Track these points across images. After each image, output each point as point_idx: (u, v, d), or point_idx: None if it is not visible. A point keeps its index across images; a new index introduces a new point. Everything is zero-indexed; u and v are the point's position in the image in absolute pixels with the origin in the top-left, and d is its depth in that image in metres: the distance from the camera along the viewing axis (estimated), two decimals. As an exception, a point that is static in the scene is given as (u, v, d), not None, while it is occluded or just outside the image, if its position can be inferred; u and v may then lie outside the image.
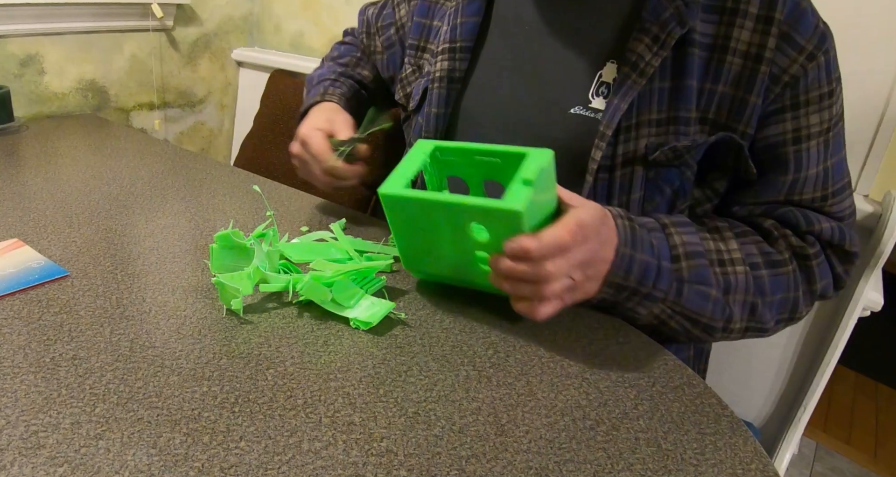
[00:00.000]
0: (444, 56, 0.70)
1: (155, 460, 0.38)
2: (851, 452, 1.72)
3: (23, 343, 0.48)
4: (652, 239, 0.57)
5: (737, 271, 0.59)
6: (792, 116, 0.59)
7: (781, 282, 0.61)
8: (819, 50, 0.57)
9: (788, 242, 0.61)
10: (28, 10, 1.20)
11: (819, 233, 0.61)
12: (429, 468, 0.40)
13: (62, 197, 0.77)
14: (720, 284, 0.58)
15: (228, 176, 0.90)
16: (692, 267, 0.57)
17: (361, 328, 0.54)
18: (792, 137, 0.60)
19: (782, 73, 0.58)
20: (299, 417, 0.43)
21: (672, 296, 0.57)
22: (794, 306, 0.62)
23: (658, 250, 0.56)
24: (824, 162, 0.61)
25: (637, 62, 0.59)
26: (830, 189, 0.62)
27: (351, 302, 0.56)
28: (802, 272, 0.62)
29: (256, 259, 0.57)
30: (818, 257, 0.61)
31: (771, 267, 0.60)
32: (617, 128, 0.60)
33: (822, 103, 0.59)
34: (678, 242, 0.58)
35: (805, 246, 0.61)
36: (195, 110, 1.62)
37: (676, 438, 0.45)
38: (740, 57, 0.58)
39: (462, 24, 0.69)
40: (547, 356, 0.53)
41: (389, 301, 0.57)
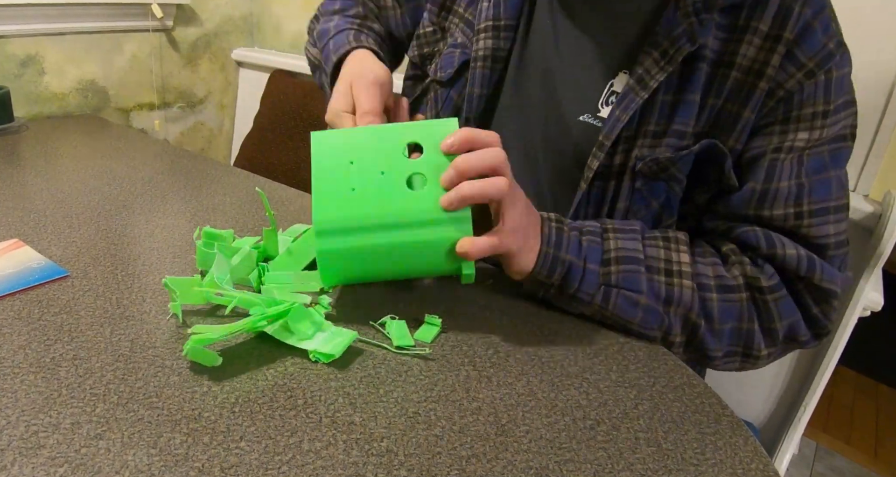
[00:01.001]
0: (488, 34, 0.67)
1: (155, 460, 0.38)
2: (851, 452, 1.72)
3: (23, 343, 0.48)
4: (583, 241, 0.57)
5: (683, 285, 0.57)
6: (780, 131, 0.58)
7: (733, 310, 0.57)
8: (820, 69, 0.56)
9: (744, 269, 0.58)
10: (28, 10, 1.20)
11: (782, 260, 0.57)
12: (429, 468, 0.40)
13: (62, 197, 0.77)
14: (658, 294, 0.56)
15: (228, 176, 0.90)
16: (622, 272, 0.56)
17: (322, 361, 0.49)
18: (772, 148, 0.58)
19: (778, 87, 0.57)
20: (299, 417, 0.43)
21: (599, 300, 0.56)
22: (748, 341, 0.58)
23: (586, 252, 0.56)
24: (797, 178, 0.57)
25: (643, 76, 0.58)
26: (806, 208, 0.57)
27: (308, 332, 0.51)
28: (756, 306, 0.58)
29: (215, 268, 0.54)
30: (776, 291, 0.57)
31: (722, 291, 0.57)
32: (617, 138, 0.60)
33: (815, 122, 0.57)
34: (612, 246, 0.57)
35: (759, 277, 0.57)
36: (195, 110, 1.62)
37: (676, 437, 0.45)
38: (741, 72, 0.57)
39: (506, 2, 0.67)
40: (547, 356, 0.53)
41: (352, 331, 0.52)
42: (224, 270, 0.56)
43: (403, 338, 0.52)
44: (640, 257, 0.57)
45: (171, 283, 0.53)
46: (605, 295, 0.56)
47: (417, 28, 0.77)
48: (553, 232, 0.56)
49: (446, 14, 0.73)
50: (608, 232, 0.58)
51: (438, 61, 0.72)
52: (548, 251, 0.56)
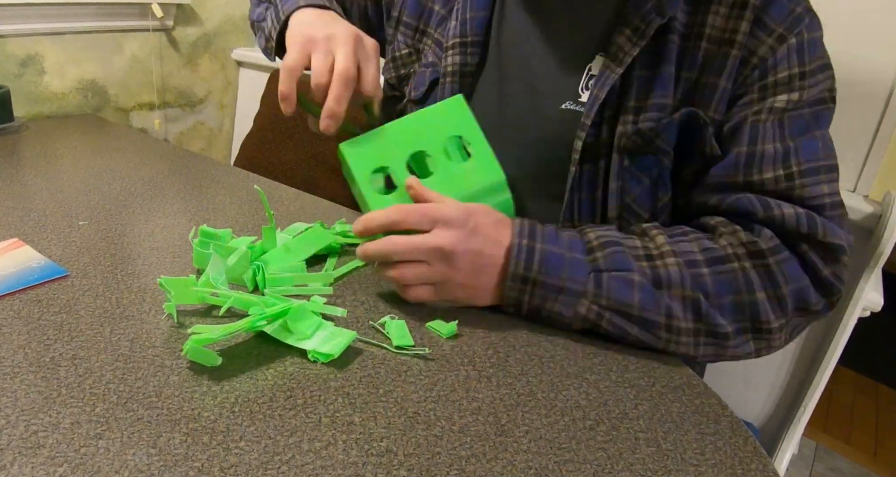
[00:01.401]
0: (456, 50, 0.69)
1: (155, 460, 0.38)
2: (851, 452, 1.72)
3: (23, 343, 0.48)
4: (562, 235, 0.57)
5: (667, 264, 0.54)
6: (759, 98, 0.58)
7: (728, 281, 0.54)
8: (790, 32, 0.57)
9: (737, 237, 0.55)
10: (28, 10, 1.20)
11: (781, 220, 0.54)
12: (429, 468, 0.40)
13: (62, 197, 0.77)
14: (647, 276, 0.54)
15: (228, 176, 0.90)
16: (608, 255, 0.55)
17: (321, 361, 0.49)
18: (752, 113, 0.58)
19: (751, 55, 0.57)
20: (299, 417, 0.43)
21: (592, 287, 0.54)
22: (753, 312, 0.54)
23: (568, 243, 0.56)
24: (783, 139, 0.56)
25: (617, 53, 0.59)
26: (795, 168, 0.55)
27: (308, 332, 0.51)
28: (758, 272, 0.54)
29: (210, 268, 0.56)
30: (777, 253, 0.54)
31: (712, 264, 0.55)
32: (601, 118, 0.61)
33: (792, 84, 0.57)
34: (592, 236, 0.57)
35: (757, 241, 0.54)
36: (195, 110, 1.62)
37: (676, 438, 0.45)
38: (711, 43, 0.58)
39: (472, 19, 0.69)
40: (547, 356, 0.53)
41: (351, 331, 0.52)
42: (219, 269, 0.56)
43: (403, 338, 0.52)
44: (620, 242, 0.56)
45: (166, 283, 0.53)
46: (596, 281, 0.54)
47: (393, 51, 0.78)
48: (525, 225, 0.56)
49: (420, 36, 0.75)
50: (585, 229, 0.59)
51: (413, 81, 0.75)
52: (520, 242, 0.55)
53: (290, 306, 0.51)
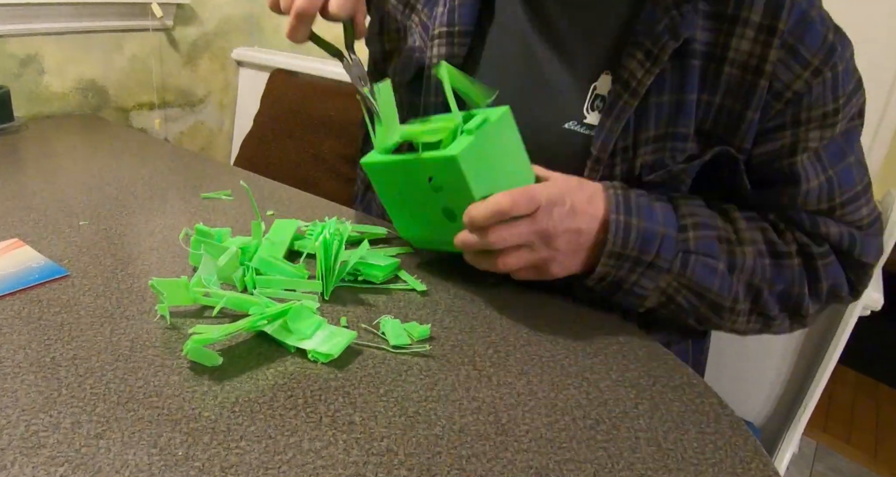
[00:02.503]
0: (443, 41, 0.65)
1: (155, 460, 0.38)
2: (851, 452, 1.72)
3: (23, 343, 0.48)
4: (655, 207, 0.56)
5: (745, 252, 0.57)
6: (791, 133, 0.57)
7: (784, 274, 0.58)
8: (826, 65, 0.54)
9: (794, 236, 0.59)
10: (28, 10, 1.20)
11: (826, 237, 0.59)
12: (429, 467, 0.40)
13: (62, 197, 0.77)
14: (725, 261, 0.57)
15: (228, 175, 0.90)
16: (699, 238, 0.55)
17: (321, 361, 0.49)
18: (788, 151, 0.57)
19: (785, 89, 0.55)
20: (299, 417, 0.43)
21: (678, 267, 0.55)
22: (797, 302, 0.59)
23: (663, 218, 0.55)
24: (824, 172, 0.58)
25: (629, 80, 0.56)
26: (838, 200, 0.58)
27: (308, 331, 0.51)
28: (807, 271, 0.59)
29: (202, 269, 0.56)
30: (825, 258, 0.59)
31: (774, 257, 0.58)
32: (613, 149, 0.58)
33: (825, 121, 0.56)
34: (686, 211, 0.56)
35: (810, 244, 0.59)
36: (195, 110, 1.62)
37: (676, 437, 0.45)
38: (738, 68, 0.55)
39: (461, 7, 0.65)
40: (547, 356, 0.53)
41: (351, 331, 0.52)
42: (210, 270, 0.56)
43: (400, 337, 0.52)
44: (710, 224, 0.57)
45: (157, 284, 0.53)
46: (683, 261, 0.55)
47: (382, 24, 0.74)
48: (619, 198, 0.55)
49: (409, 12, 0.71)
50: (676, 199, 0.57)
51: (396, 62, 0.71)
52: (618, 218, 0.54)
53: (290, 306, 0.51)
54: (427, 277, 0.64)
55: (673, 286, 0.56)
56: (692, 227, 0.56)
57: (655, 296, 0.57)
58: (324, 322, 0.52)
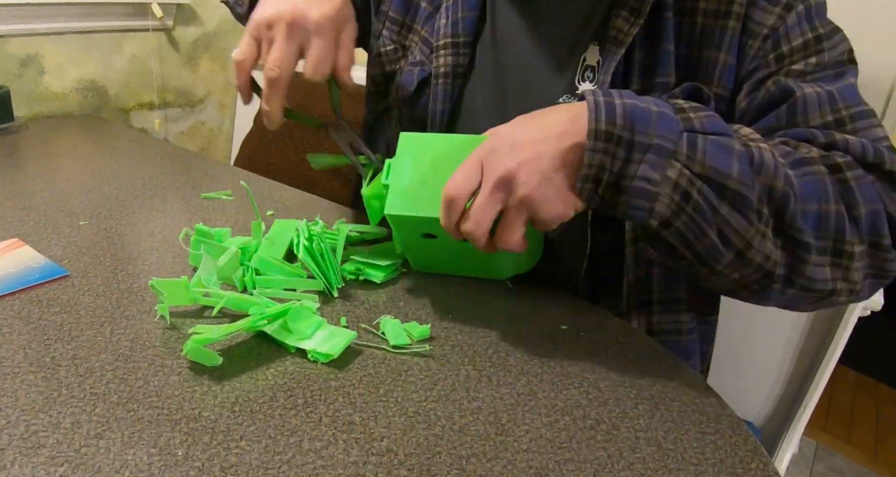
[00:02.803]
0: (448, 51, 0.68)
1: (155, 460, 0.38)
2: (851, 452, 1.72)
3: (23, 343, 0.48)
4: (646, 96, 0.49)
5: (762, 148, 0.47)
6: (777, 69, 0.56)
7: (814, 185, 0.47)
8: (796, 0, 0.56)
9: (811, 147, 0.50)
10: (28, 10, 1.20)
11: (845, 146, 0.49)
12: (429, 467, 0.40)
13: (62, 197, 0.77)
14: (743, 153, 0.46)
15: (229, 175, 0.90)
16: (703, 117, 0.47)
17: (321, 361, 0.49)
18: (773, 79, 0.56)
19: (758, 26, 0.56)
20: (299, 417, 0.43)
21: (684, 148, 0.45)
22: (838, 229, 0.47)
23: (654, 101, 0.48)
24: (821, 87, 0.53)
25: (616, 36, 0.58)
26: (844, 112, 0.51)
27: (308, 331, 0.51)
28: (837, 185, 0.48)
29: (202, 269, 0.56)
30: (853, 168, 0.48)
31: (798, 165, 0.48)
32: None
33: (808, 50, 0.55)
34: (681, 100, 0.50)
35: (831, 155, 0.49)
36: (195, 110, 1.62)
37: (676, 437, 0.45)
38: (707, 17, 0.57)
39: (463, 19, 0.68)
40: (547, 356, 0.53)
41: (351, 331, 0.52)
42: (210, 270, 0.56)
43: (399, 337, 0.52)
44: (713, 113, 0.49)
45: (157, 284, 0.53)
46: (690, 141, 0.45)
47: (378, 46, 0.76)
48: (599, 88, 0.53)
49: (406, 32, 0.74)
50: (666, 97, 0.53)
51: (399, 79, 0.73)
52: (596, 99, 0.47)
53: (290, 306, 0.51)
54: (427, 276, 0.64)
55: (686, 176, 0.45)
56: (691, 109, 0.48)
57: (666, 193, 0.46)
58: (323, 322, 0.53)
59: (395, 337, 0.52)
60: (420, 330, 0.53)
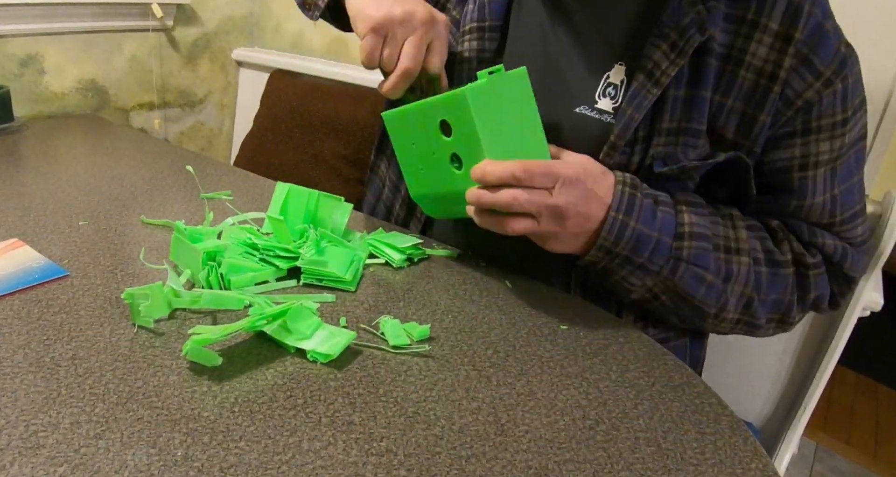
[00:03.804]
0: (474, 35, 0.67)
1: (155, 460, 0.38)
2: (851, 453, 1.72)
3: (23, 343, 0.48)
4: (658, 211, 0.57)
5: (741, 262, 0.59)
6: (802, 142, 0.58)
7: (779, 283, 0.61)
8: (837, 76, 0.56)
9: (791, 246, 0.61)
10: (28, 10, 1.20)
11: (821, 248, 0.61)
12: (429, 468, 0.40)
13: (62, 197, 0.77)
14: (720, 271, 0.58)
15: (228, 176, 0.90)
16: (694, 248, 0.57)
17: (320, 361, 0.50)
18: (799, 164, 0.59)
19: (796, 97, 0.56)
20: (299, 417, 0.43)
21: (667, 272, 0.57)
22: (787, 310, 0.62)
23: (661, 224, 0.56)
24: (831, 190, 0.60)
25: (653, 71, 0.57)
26: (839, 218, 0.61)
27: (307, 332, 0.51)
28: (798, 280, 0.62)
29: (171, 281, 0.55)
30: (817, 268, 0.61)
31: (771, 265, 0.60)
32: (634, 138, 0.59)
33: (835, 132, 0.57)
34: (686, 220, 0.57)
35: (805, 254, 0.61)
36: (195, 110, 1.62)
37: (676, 437, 0.45)
38: (754, 73, 0.56)
39: (490, 3, 0.67)
40: (547, 356, 0.53)
41: (350, 331, 0.52)
42: (177, 281, 0.56)
43: (399, 337, 0.52)
44: (709, 234, 0.58)
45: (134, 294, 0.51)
46: (673, 267, 0.57)
47: None
48: (625, 198, 0.56)
49: (438, 8, 0.72)
50: (680, 205, 0.58)
51: None
52: (616, 217, 0.55)
53: (289, 306, 0.51)
54: (427, 276, 0.64)
55: (659, 287, 0.59)
56: (689, 237, 0.57)
57: (641, 292, 0.60)
58: (323, 323, 0.52)
59: (395, 337, 0.52)
60: (420, 330, 0.53)
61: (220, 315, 0.54)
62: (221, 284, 0.57)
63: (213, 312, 0.55)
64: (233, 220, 0.70)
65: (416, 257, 0.67)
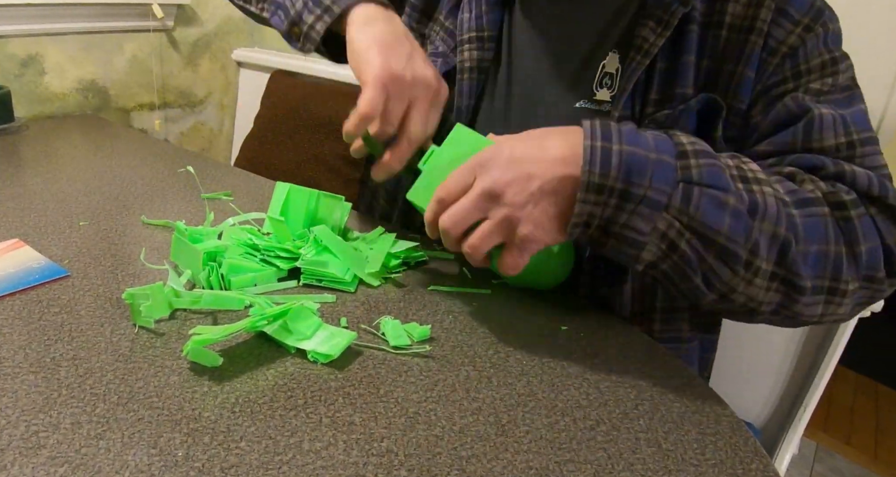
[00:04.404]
0: (473, 45, 0.68)
1: (155, 460, 0.38)
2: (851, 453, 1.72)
3: (23, 343, 0.48)
4: (647, 135, 0.48)
5: (764, 192, 0.48)
6: (794, 86, 0.58)
7: (817, 226, 0.48)
8: (816, 22, 0.57)
9: (817, 185, 0.51)
10: (28, 11, 1.20)
11: (853, 178, 0.51)
12: (429, 468, 0.40)
13: (62, 197, 0.77)
14: (743, 199, 0.47)
15: (229, 176, 0.90)
16: (703, 166, 0.47)
17: (321, 361, 0.49)
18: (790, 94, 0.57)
19: (780, 44, 0.57)
20: (299, 417, 0.43)
21: (678, 202, 0.46)
22: (835, 269, 0.48)
23: (655, 144, 0.47)
24: (837, 110, 0.55)
25: (642, 45, 0.59)
26: (856, 136, 0.53)
27: (308, 332, 0.51)
28: (838, 225, 0.49)
29: (171, 281, 0.55)
30: (857, 207, 0.49)
31: (801, 205, 0.49)
32: (631, 113, 0.61)
33: (825, 71, 0.58)
34: (685, 140, 0.49)
35: (837, 192, 0.50)
36: (195, 110, 1.62)
37: (677, 438, 0.45)
38: (731, 31, 0.58)
39: (487, 13, 0.68)
40: (547, 356, 0.53)
41: (351, 332, 0.52)
42: (178, 281, 0.56)
43: (399, 337, 0.52)
44: (716, 156, 0.48)
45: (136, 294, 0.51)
46: (685, 193, 0.46)
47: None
48: (597, 127, 0.48)
49: (427, 21, 0.74)
50: (671, 131, 0.51)
51: None
52: (593, 145, 0.46)
53: (290, 307, 0.51)
54: (427, 277, 0.64)
55: (675, 228, 0.47)
56: (693, 155, 0.47)
57: (654, 243, 0.48)
58: (323, 323, 0.52)
59: (396, 337, 0.52)
60: (420, 331, 0.53)
61: (220, 315, 0.54)
62: (222, 285, 0.57)
63: (214, 313, 0.55)
64: (233, 220, 0.70)
65: (413, 261, 0.67)
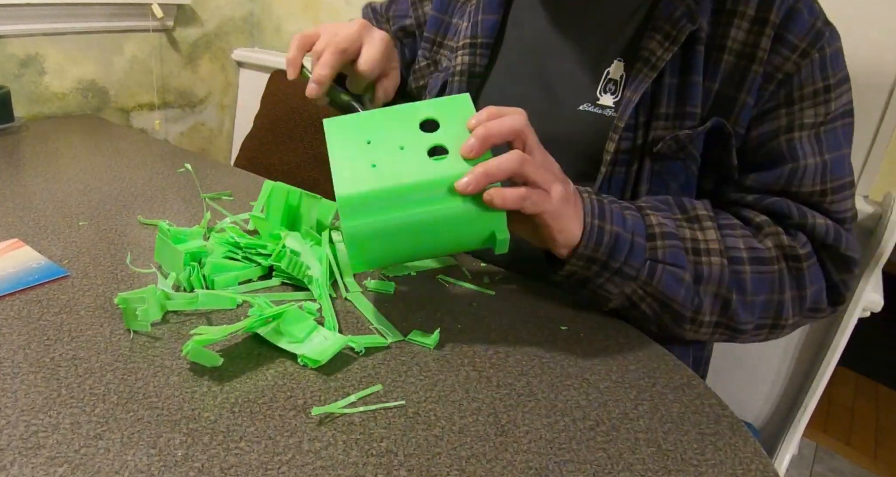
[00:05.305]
0: (465, 51, 0.70)
1: (155, 460, 0.38)
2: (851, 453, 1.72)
3: (23, 343, 0.48)
4: (625, 214, 0.56)
5: (711, 262, 0.57)
6: (786, 113, 0.60)
7: (765, 281, 0.58)
8: (813, 47, 0.58)
9: (779, 240, 0.59)
10: (28, 11, 1.20)
11: (812, 229, 0.59)
12: (429, 468, 0.40)
13: (62, 197, 0.77)
14: (692, 272, 0.57)
15: (229, 176, 0.90)
16: (667, 247, 0.56)
17: (310, 366, 0.49)
18: (786, 128, 0.60)
19: (776, 71, 0.59)
20: (299, 417, 0.43)
21: (644, 275, 0.56)
22: (778, 311, 0.59)
23: (632, 225, 0.56)
24: (820, 155, 0.59)
25: (649, 58, 0.60)
26: (829, 185, 0.60)
27: (301, 335, 0.50)
28: (791, 274, 0.59)
29: (161, 284, 0.55)
30: (809, 259, 0.59)
31: (755, 263, 0.58)
32: (635, 123, 0.61)
33: (817, 99, 0.59)
34: (654, 221, 0.57)
35: (795, 246, 0.59)
36: (195, 111, 1.62)
37: (676, 438, 0.45)
38: (734, 56, 0.60)
39: (482, 21, 0.70)
40: (547, 356, 0.53)
41: (343, 335, 0.52)
42: (165, 283, 0.56)
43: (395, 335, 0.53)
44: (679, 235, 0.57)
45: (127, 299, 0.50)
46: (650, 270, 0.56)
47: (414, 63, 0.80)
48: (594, 203, 0.55)
49: (437, 48, 0.77)
50: (644, 209, 0.58)
51: (428, 87, 0.77)
52: (592, 222, 0.54)
53: (286, 308, 0.51)
54: (426, 277, 0.64)
55: (638, 294, 0.57)
56: (660, 237, 0.57)
57: (620, 300, 0.58)
58: (318, 326, 0.52)
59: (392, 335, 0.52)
60: (421, 333, 0.54)
61: (214, 316, 0.54)
62: (204, 285, 0.57)
63: (208, 313, 0.55)
64: (230, 218, 0.70)
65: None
